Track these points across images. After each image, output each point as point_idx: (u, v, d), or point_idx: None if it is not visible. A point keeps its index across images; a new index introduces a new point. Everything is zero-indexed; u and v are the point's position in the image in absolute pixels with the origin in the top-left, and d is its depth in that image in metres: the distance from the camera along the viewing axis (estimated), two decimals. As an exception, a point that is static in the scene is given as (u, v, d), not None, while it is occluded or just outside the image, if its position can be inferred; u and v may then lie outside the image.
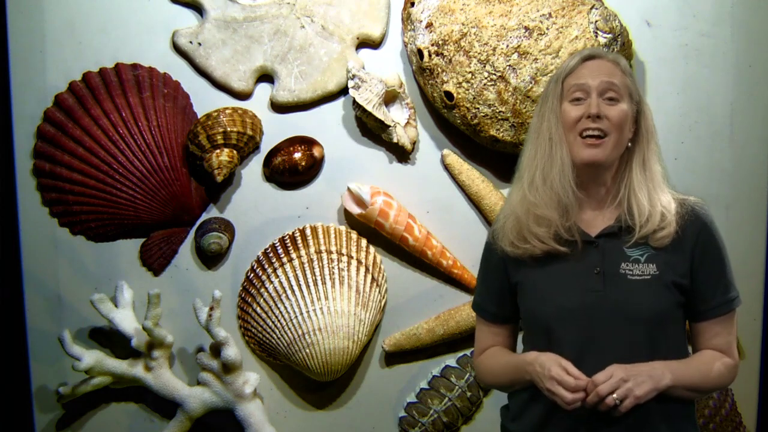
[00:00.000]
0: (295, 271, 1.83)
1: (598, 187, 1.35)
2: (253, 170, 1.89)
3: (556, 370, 1.24)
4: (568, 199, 1.31)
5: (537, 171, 1.33)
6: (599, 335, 1.29)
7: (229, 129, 1.80)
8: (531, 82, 1.69)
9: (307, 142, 1.86)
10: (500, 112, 1.72)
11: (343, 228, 1.88)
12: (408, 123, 1.87)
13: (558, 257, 1.33)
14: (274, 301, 1.83)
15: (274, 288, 1.84)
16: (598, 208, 1.36)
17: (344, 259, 1.84)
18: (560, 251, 1.32)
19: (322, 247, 1.85)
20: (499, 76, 1.70)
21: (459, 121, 1.78)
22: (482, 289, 1.49)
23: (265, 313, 1.84)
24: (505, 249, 1.38)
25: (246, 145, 1.84)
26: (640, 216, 1.30)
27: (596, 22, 1.70)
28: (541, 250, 1.33)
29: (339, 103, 1.89)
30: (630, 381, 1.21)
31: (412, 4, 1.80)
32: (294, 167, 1.84)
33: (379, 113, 1.79)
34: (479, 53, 1.71)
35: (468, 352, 1.90)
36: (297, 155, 1.84)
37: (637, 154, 1.34)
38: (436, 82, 1.76)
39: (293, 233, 1.87)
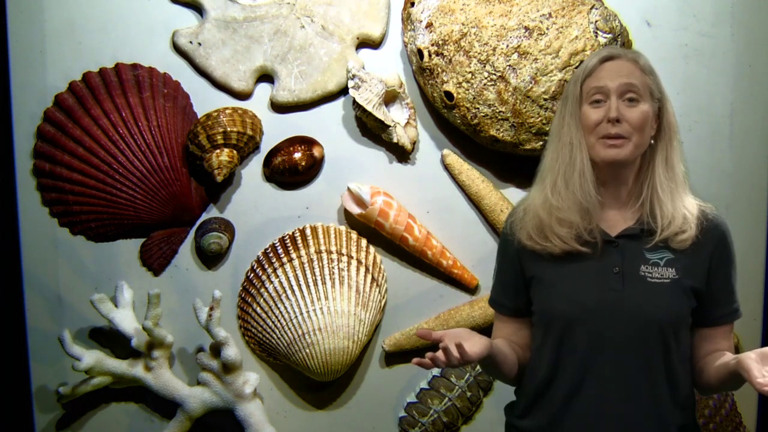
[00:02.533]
0: (295, 271, 1.83)
1: (620, 186, 1.35)
2: (253, 170, 1.89)
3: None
4: (589, 202, 1.31)
5: (559, 176, 1.34)
6: (613, 335, 1.30)
7: (229, 129, 1.79)
8: (531, 82, 1.69)
9: (307, 142, 1.86)
10: (500, 112, 1.72)
11: (343, 228, 1.88)
12: (408, 123, 1.87)
13: (577, 256, 1.33)
14: (274, 301, 1.83)
15: (274, 288, 1.84)
16: (619, 208, 1.36)
17: (344, 259, 1.84)
18: (580, 251, 1.32)
19: (322, 247, 1.85)
20: (499, 76, 1.70)
21: (459, 121, 1.78)
22: (498, 284, 1.48)
23: (265, 313, 1.84)
24: (522, 241, 1.38)
25: (246, 145, 1.84)
26: (663, 218, 1.31)
27: (596, 22, 1.70)
28: (560, 249, 1.33)
29: (339, 103, 1.89)
30: None
31: (412, 4, 1.79)
32: (294, 167, 1.84)
33: (379, 113, 1.79)
34: (479, 53, 1.70)
35: (468, 352, 1.90)
36: (297, 155, 1.84)
37: (659, 152, 1.34)
38: (436, 82, 1.76)
39: (293, 233, 1.87)
